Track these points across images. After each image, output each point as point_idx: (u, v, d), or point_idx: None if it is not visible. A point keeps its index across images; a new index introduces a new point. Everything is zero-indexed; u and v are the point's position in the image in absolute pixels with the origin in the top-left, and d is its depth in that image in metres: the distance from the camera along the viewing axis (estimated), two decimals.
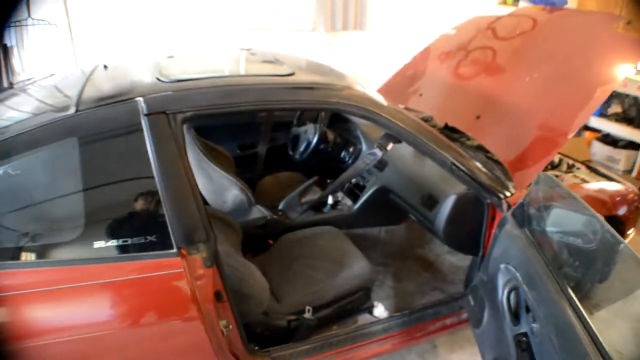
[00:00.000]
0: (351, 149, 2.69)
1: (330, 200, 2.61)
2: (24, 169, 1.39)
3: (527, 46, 2.61)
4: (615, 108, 4.23)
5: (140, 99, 1.44)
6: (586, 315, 1.25)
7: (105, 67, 1.91)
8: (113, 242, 1.38)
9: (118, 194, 1.43)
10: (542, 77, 2.34)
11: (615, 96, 4.20)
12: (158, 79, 1.59)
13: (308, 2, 3.62)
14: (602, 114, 4.25)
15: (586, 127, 4.34)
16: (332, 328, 2.02)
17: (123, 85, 1.63)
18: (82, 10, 3.18)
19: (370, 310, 2.11)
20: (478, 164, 1.96)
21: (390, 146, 1.91)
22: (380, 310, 2.10)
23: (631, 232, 2.60)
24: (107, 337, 1.43)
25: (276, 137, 2.91)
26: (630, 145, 4.05)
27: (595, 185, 2.47)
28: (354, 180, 2.71)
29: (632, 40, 2.29)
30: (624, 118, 4.15)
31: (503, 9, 4.06)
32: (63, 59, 3.21)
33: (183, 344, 1.54)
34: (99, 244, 1.37)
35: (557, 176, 2.43)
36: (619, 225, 2.46)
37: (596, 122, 4.26)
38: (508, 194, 1.88)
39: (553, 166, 2.64)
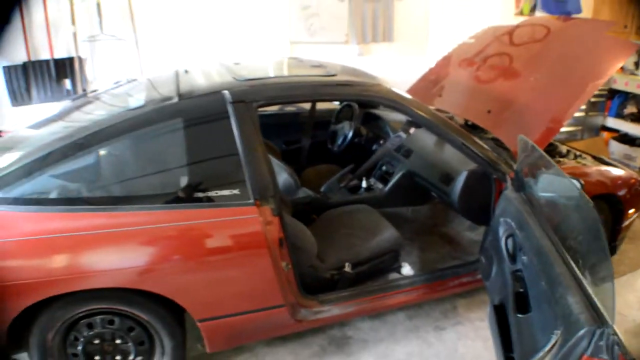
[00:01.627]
0: (381, 142, 3.31)
1: (364, 184, 3.23)
2: (143, 140, 2.04)
3: (533, 52, 3.19)
4: (631, 109, 4.74)
5: (226, 91, 2.09)
6: (559, 242, 1.79)
7: (187, 71, 2.59)
8: (207, 193, 2.01)
9: (212, 158, 2.08)
10: (544, 77, 2.91)
11: (631, 97, 4.71)
12: (234, 79, 2.25)
13: (341, 18, 4.32)
14: (619, 114, 4.76)
15: (604, 128, 4.86)
16: (367, 284, 2.60)
17: (209, 83, 2.30)
18: (147, 27, 3.92)
19: (398, 270, 2.68)
20: (487, 147, 2.54)
21: (412, 130, 2.53)
22: (407, 270, 2.67)
23: (632, 211, 3.12)
24: (199, 265, 2.03)
25: (316, 135, 3.55)
26: None
27: (599, 168, 3.02)
28: (384, 168, 3.33)
29: (619, 42, 2.86)
30: (639, 118, 4.66)
31: (520, 19, 4.65)
32: (130, 69, 3.94)
33: (256, 276, 2.13)
34: (198, 194, 2.01)
35: (559, 162, 2.98)
36: (618, 204, 3.00)
37: (613, 123, 4.77)
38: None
39: (561, 155, 3.19)
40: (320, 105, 3.51)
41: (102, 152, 2.02)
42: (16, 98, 3.86)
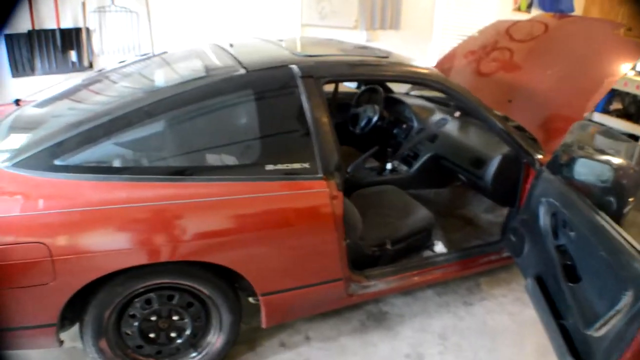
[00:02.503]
0: (404, 126, 3.48)
1: (389, 165, 3.40)
2: (212, 109, 2.09)
3: (542, 46, 3.43)
4: (616, 105, 5.15)
5: (294, 66, 2.18)
6: (607, 218, 2.02)
7: (231, 45, 2.64)
8: (279, 166, 2.09)
9: (282, 131, 2.16)
10: (560, 71, 3.13)
11: (616, 94, 5.10)
12: (294, 54, 2.35)
13: (351, 4, 4.46)
14: (605, 110, 5.15)
15: (591, 122, 5.24)
16: (404, 261, 2.76)
17: (271, 57, 2.38)
18: (160, 1, 3.91)
19: (432, 248, 2.87)
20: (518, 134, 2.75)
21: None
22: (439, 247, 2.86)
23: (632, 199, 3.43)
24: (267, 238, 2.10)
25: (335, 117, 3.68)
26: (630, 138, 4.95)
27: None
28: (406, 152, 3.51)
29: (631, 43, 3.14)
30: (624, 114, 5.06)
31: (517, 15, 4.95)
32: (140, 43, 3.92)
33: (321, 249, 2.23)
34: (269, 167, 2.08)
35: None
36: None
37: (599, 118, 5.15)
38: (540, 156, 2.66)
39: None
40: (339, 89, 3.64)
41: (169, 121, 2.03)
42: (17, 69, 3.78)
